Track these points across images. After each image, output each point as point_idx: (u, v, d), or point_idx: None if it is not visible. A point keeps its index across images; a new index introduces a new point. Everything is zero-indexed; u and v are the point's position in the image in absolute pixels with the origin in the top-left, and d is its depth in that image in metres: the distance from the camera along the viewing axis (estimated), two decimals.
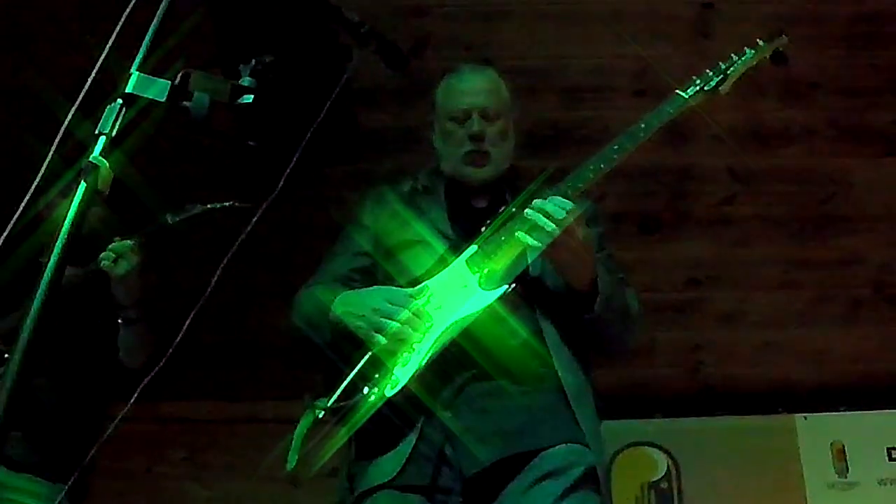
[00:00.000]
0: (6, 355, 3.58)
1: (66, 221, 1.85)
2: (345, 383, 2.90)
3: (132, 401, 2.34)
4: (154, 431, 6.03)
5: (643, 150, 3.04)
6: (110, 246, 3.88)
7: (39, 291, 1.80)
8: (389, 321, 2.92)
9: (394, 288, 3.06)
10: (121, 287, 3.93)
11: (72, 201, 1.88)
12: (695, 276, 5.78)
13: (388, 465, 2.85)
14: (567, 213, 2.84)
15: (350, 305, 3.05)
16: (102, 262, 3.86)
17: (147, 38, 2.07)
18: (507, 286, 2.91)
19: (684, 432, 6.06)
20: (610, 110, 4.97)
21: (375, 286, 3.12)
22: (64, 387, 4.00)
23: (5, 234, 2.01)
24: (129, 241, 3.87)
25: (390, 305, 2.96)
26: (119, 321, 4.02)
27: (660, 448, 6.00)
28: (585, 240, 2.93)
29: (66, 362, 4.02)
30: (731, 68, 3.18)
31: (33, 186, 1.92)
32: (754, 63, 3.23)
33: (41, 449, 3.88)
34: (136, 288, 3.97)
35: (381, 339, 2.92)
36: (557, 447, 2.86)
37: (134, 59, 2.05)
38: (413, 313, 2.93)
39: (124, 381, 4.00)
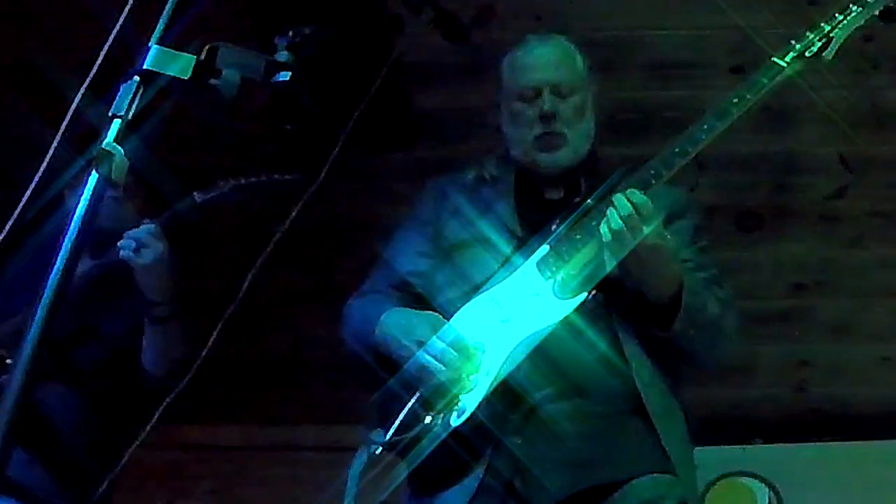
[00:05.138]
0: (8, 361, 3.61)
1: (77, 215, 1.84)
2: (403, 413, 2.89)
3: (151, 423, 2.34)
4: (176, 460, 6.02)
5: (740, 136, 3.00)
6: (127, 233, 3.72)
7: (47, 293, 1.77)
8: (432, 360, 2.92)
9: (444, 320, 3.03)
10: (148, 279, 3.78)
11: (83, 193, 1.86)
12: (800, 281, 5.71)
13: (452, 502, 2.85)
14: (640, 217, 2.81)
15: (395, 329, 3.05)
16: (122, 253, 3.70)
17: (168, 6, 2.06)
18: (586, 294, 2.87)
19: (788, 460, 5.98)
20: (702, 89, 4.89)
21: (426, 312, 3.10)
22: (81, 401, 3.86)
23: (10, 223, 2.01)
24: (150, 226, 3.72)
25: (437, 342, 2.95)
26: (145, 320, 3.85)
27: (760, 479, 5.94)
28: (658, 247, 2.90)
29: (83, 371, 3.88)
30: (836, 29, 3.09)
31: (39, 173, 1.91)
32: (862, 22, 3.13)
33: (53, 475, 3.72)
34: (167, 280, 3.80)
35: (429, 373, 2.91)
36: (642, 478, 2.84)
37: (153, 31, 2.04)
38: (458, 350, 2.92)
39: (145, 395, 3.89)
